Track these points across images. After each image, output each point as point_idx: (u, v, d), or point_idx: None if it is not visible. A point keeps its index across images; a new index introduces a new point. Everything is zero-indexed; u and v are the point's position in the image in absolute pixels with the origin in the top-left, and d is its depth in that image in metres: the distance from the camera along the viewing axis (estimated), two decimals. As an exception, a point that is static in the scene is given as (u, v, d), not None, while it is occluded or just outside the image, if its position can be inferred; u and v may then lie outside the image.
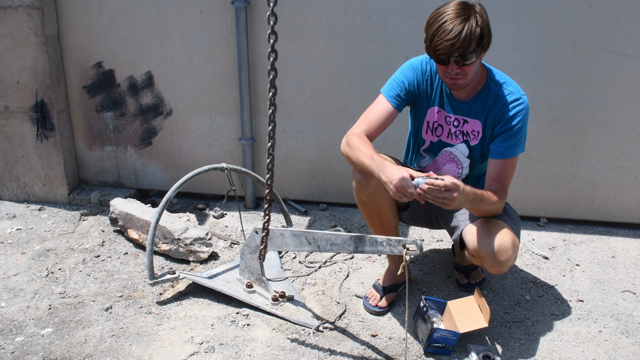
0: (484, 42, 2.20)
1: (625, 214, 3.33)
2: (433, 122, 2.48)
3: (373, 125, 2.40)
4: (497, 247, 2.29)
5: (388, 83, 2.47)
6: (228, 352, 2.42)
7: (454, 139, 2.47)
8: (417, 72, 2.43)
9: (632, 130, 3.16)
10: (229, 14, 3.24)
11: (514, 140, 2.34)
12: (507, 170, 2.37)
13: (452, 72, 2.22)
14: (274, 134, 2.24)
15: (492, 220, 2.37)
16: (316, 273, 2.96)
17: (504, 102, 2.34)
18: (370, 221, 2.56)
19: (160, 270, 2.95)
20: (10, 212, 3.51)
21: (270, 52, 2.09)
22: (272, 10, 2.04)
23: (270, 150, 2.26)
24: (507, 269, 2.37)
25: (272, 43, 2.07)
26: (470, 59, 2.19)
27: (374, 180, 2.37)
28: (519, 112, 2.33)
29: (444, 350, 2.41)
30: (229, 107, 3.43)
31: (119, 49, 3.40)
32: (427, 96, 2.45)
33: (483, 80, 2.38)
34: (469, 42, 2.14)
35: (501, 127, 2.35)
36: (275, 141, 2.25)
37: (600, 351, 2.46)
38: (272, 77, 2.13)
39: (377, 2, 3.11)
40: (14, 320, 2.61)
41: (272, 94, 2.17)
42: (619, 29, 2.99)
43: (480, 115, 2.39)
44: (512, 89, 2.36)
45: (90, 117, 3.57)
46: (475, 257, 2.38)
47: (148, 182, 3.70)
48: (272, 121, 2.21)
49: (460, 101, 2.41)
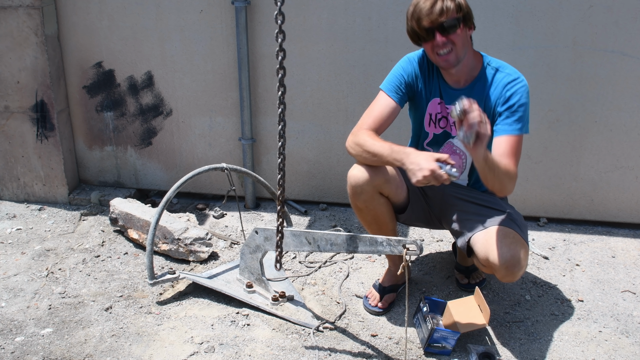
0: (463, 12, 2.24)
1: (625, 214, 3.33)
2: (436, 113, 2.47)
3: (377, 122, 2.40)
4: (510, 258, 2.25)
5: (387, 79, 2.47)
6: (228, 352, 2.42)
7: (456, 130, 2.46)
8: (414, 64, 2.45)
9: (632, 130, 3.16)
10: (229, 14, 3.24)
11: (516, 117, 2.31)
12: (513, 148, 2.29)
13: (439, 43, 2.24)
14: (284, 132, 2.22)
15: (502, 229, 2.34)
16: (316, 273, 2.96)
17: (503, 84, 2.34)
18: (368, 225, 2.56)
19: (160, 270, 2.95)
20: (10, 212, 3.51)
21: (278, 51, 2.11)
22: (280, 10, 2.07)
23: (281, 149, 2.23)
24: (518, 278, 2.34)
25: (280, 42, 2.10)
26: (453, 28, 2.22)
27: (369, 187, 2.38)
28: (518, 90, 2.32)
29: (444, 350, 2.41)
30: (229, 107, 3.43)
31: (119, 49, 3.40)
32: (425, 88, 2.45)
33: (479, 66, 2.39)
34: (447, 11, 2.20)
35: (502, 106, 2.34)
36: (285, 140, 2.24)
37: (600, 351, 2.46)
38: (281, 75, 2.15)
39: (377, 2, 3.11)
40: (14, 320, 2.61)
41: (281, 93, 2.19)
42: (619, 29, 2.99)
43: (480, 101, 2.36)
44: (509, 71, 2.36)
45: (90, 117, 3.57)
46: (486, 267, 2.35)
47: (148, 182, 3.70)
48: (282, 119, 2.21)
49: (457, 89, 2.41)
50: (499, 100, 2.34)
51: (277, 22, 2.05)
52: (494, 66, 2.38)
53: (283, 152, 2.22)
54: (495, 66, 2.38)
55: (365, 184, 2.37)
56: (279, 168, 2.28)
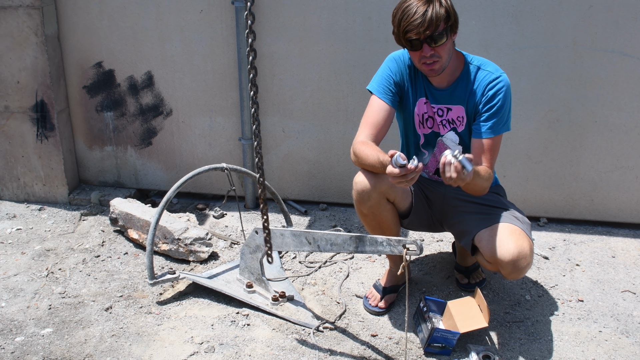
0: (451, 21, 2.24)
1: (625, 214, 3.33)
2: (423, 113, 2.48)
3: (374, 129, 2.41)
4: (516, 254, 2.27)
5: (376, 80, 2.47)
6: (228, 352, 2.42)
7: (442, 129, 2.47)
8: (399, 63, 2.45)
9: (632, 130, 3.16)
10: (229, 14, 3.24)
11: (496, 118, 2.34)
12: (493, 149, 2.36)
13: (427, 55, 2.24)
14: (260, 131, 2.29)
15: (506, 225, 2.35)
16: (316, 273, 2.96)
17: (484, 83, 2.36)
18: (372, 230, 2.56)
19: (160, 270, 2.95)
20: (10, 212, 3.51)
21: (249, 51, 2.14)
22: (250, 10, 2.10)
23: (258, 148, 2.30)
24: (524, 274, 2.35)
25: (251, 42, 2.13)
26: (441, 39, 2.22)
27: (375, 194, 2.38)
28: (499, 90, 2.34)
29: (444, 350, 2.41)
30: (229, 107, 3.43)
31: (119, 49, 3.40)
32: (412, 87, 2.46)
33: (461, 66, 2.40)
34: (437, 22, 2.18)
35: (483, 107, 2.36)
36: (261, 139, 2.31)
37: (600, 351, 2.46)
38: (253, 75, 2.17)
39: (377, 2, 3.11)
40: (14, 320, 2.61)
41: (253, 92, 2.22)
42: (619, 29, 2.99)
43: (462, 100, 2.40)
44: (491, 69, 2.37)
45: (90, 117, 3.57)
46: (492, 264, 2.36)
47: (148, 182, 3.70)
48: (256, 119, 2.26)
49: (441, 89, 2.42)
50: (481, 99, 2.36)
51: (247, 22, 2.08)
52: (476, 64, 2.39)
53: (260, 151, 2.31)
54: (477, 64, 2.39)
55: (372, 190, 2.38)
56: (257, 167, 2.34)
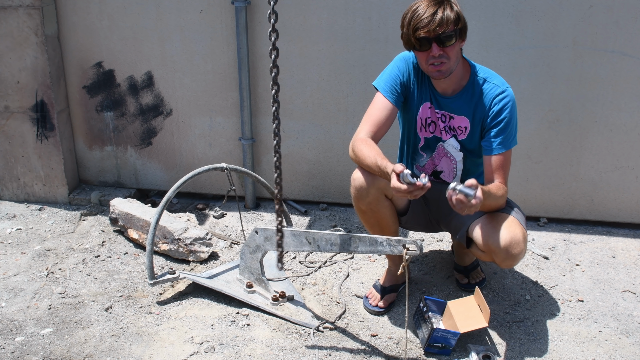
0: (461, 24, 2.25)
1: (625, 214, 3.33)
2: (426, 118, 2.48)
3: (375, 127, 2.41)
4: (509, 240, 2.29)
5: (383, 78, 2.47)
6: (228, 352, 2.42)
7: (444, 135, 2.48)
8: (409, 64, 2.45)
9: (632, 130, 3.16)
10: (229, 14, 3.24)
11: (505, 134, 2.36)
12: (505, 164, 2.39)
13: (435, 55, 2.24)
14: (279, 131, 2.23)
15: (499, 215, 2.38)
16: (316, 273, 2.96)
17: (490, 97, 2.37)
18: (370, 228, 2.56)
19: (160, 270, 2.95)
20: (10, 212, 3.51)
21: (271, 50, 2.10)
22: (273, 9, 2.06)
23: (277, 147, 2.24)
24: (518, 262, 2.37)
25: (274, 41, 2.09)
26: (450, 40, 2.23)
27: (373, 190, 2.38)
28: (505, 105, 2.35)
29: (444, 350, 2.41)
30: (229, 107, 3.43)
31: (119, 49, 3.40)
32: (418, 90, 2.46)
33: (467, 76, 2.40)
34: (447, 22, 2.20)
35: (491, 122, 2.37)
36: (280, 138, 2.24)
37: (600, 351, 2.46)
38: (275, 74, 2.14)
39: (377, 2, 3.11)
40: (14, 320, 2.61)
41: (275, 91, 2.18)
42: (619, 29, 2.99)
43: (468, 112, 2.41)
44: (497, 82, 2.38)
45: (90, 117, 3.57)
46: (486, 253, 2.38)
47: (148, 182, 3.70)
48: (276, 118, 2.21)
49: (445, 97, 2.43)
50: (488, 112, 2.38)
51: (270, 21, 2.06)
52: (482, 76, 2.40)
53: (279, 150, 2.23)
54: (484, 76, 2.40)
55: (370, 186, 2.38)
56: (276, 166, 2.29)
